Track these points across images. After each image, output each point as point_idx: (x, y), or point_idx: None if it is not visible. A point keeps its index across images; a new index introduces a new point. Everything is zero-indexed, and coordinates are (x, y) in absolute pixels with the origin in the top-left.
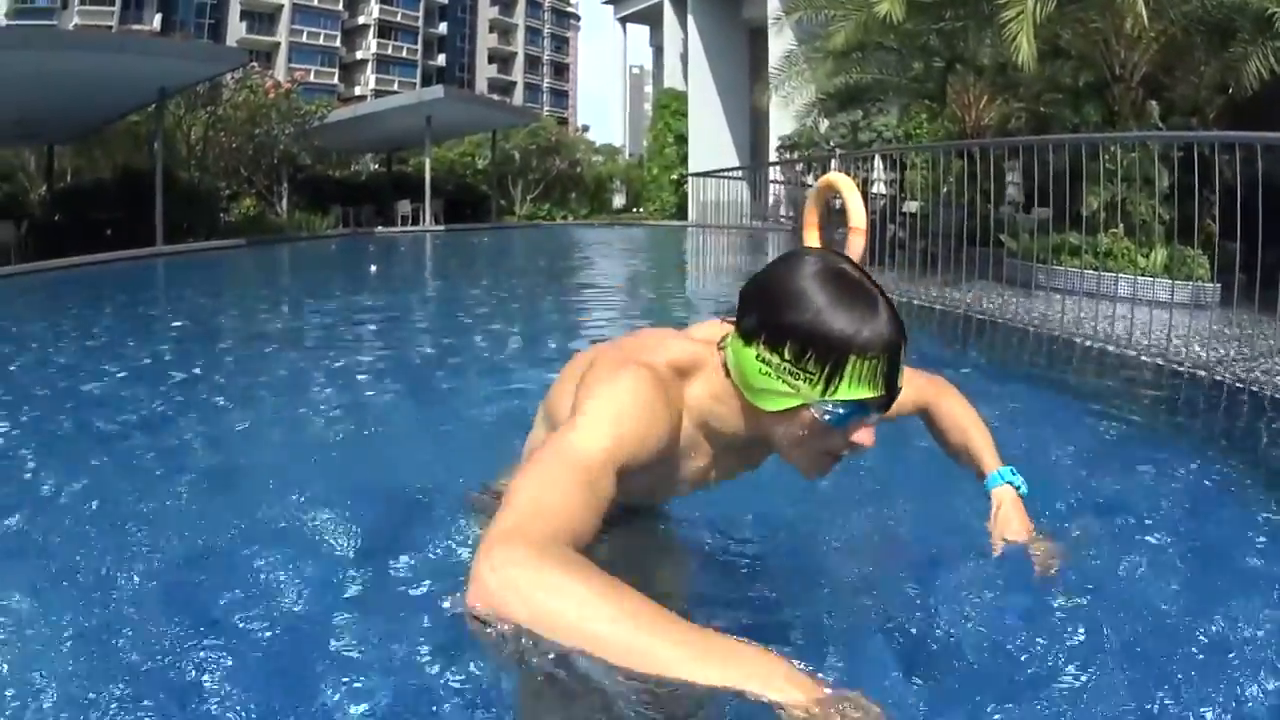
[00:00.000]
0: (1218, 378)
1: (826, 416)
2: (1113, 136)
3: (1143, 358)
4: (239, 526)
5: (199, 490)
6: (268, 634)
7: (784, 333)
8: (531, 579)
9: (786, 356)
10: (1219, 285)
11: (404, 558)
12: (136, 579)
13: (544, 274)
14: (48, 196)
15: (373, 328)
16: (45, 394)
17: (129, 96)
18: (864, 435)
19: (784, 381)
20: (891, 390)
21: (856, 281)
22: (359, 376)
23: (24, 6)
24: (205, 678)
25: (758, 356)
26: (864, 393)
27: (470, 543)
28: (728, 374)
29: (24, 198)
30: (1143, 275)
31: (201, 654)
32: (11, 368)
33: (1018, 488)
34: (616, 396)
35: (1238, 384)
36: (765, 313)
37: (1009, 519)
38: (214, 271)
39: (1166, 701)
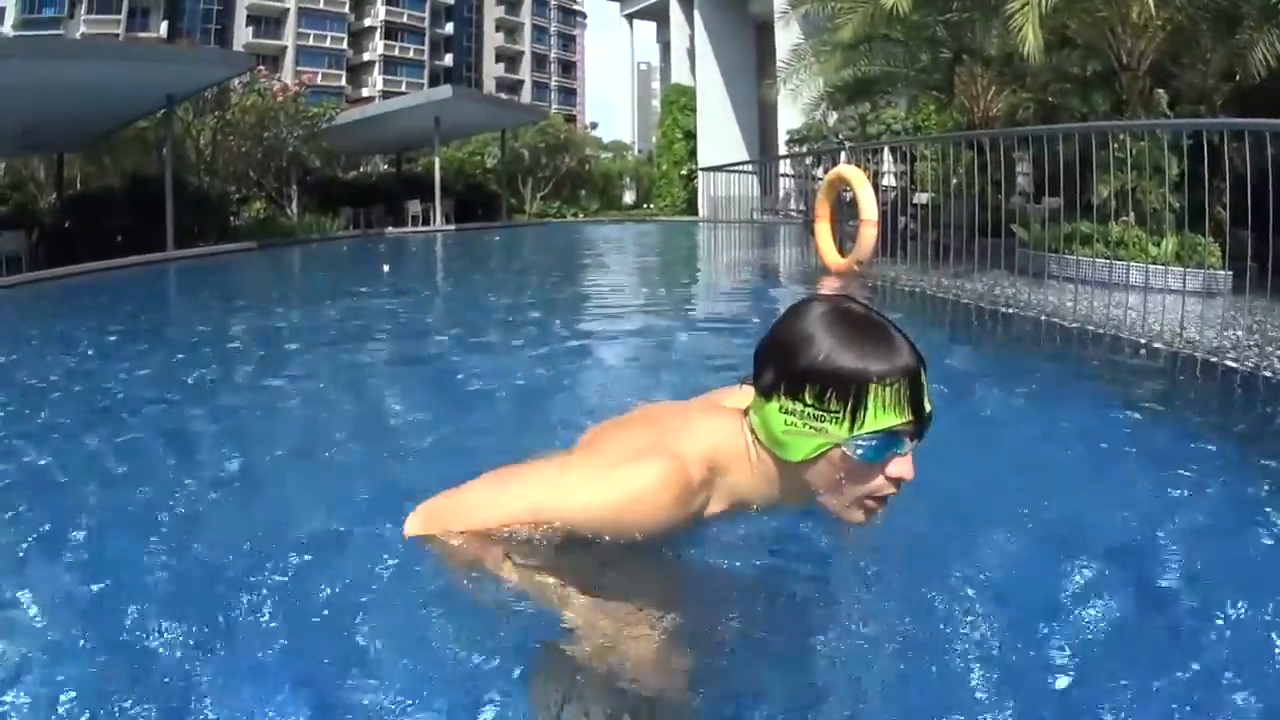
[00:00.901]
0: (1229, 364)
1: (859, 452)
2: (1121, 125)
3: (1155, 344)
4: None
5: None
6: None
7: (801, 378)
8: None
9: (808, 401)
10: (1230, 273)
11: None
12: (165, 581)
13: (562, 270)
14: (58, 204)
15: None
16: (78, 400)
17: (137, 103)
18: (901, 467)
19: (810, 427)
20: (920, 415)
21: (864, 316)
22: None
23: (32, 17)
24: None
25: (781, 409)
26: (891, 420)
27: None
28: (756, 438)
29: (34, 206)
30: (1154, 264)
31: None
32: (27, 376)
33: None
34: (627, 486)
35: (1250, 370)
36: (780, 364)
37: None
38: (229, 275)
39: (1175, 688)
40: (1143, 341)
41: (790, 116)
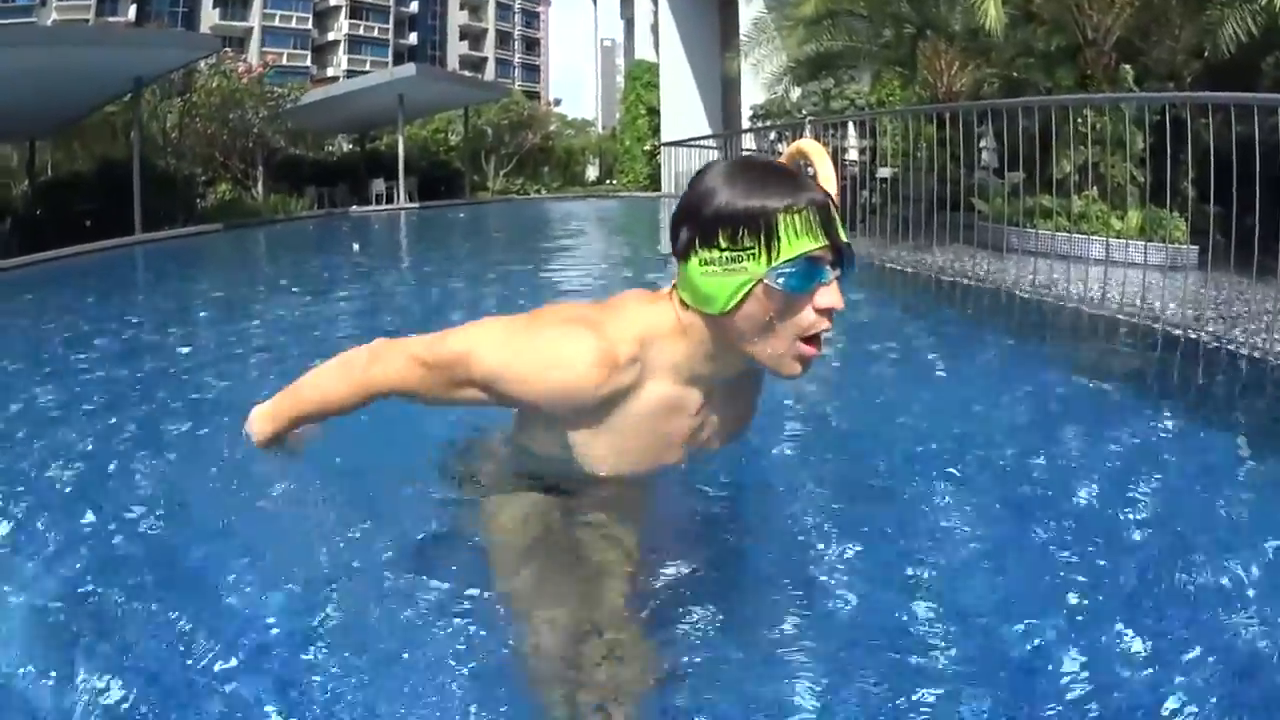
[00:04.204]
0: (1192, 336)
1: (780, 281)
2: (1084, 99)
3: (1118, 316)
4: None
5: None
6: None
7: (713, 225)
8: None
9: (723, 245)
10: (1195, 247)
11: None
12: (142, 561)
13: (523, 243)
14: (29, 192)
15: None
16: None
17: (106, 88)
18: (829, 297)
19: (728, 270)
20: (835, 240)
21: (765, 163)
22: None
23: (4, 5)
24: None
25: (700, 262)
26: (807, 244)
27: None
28: (684, 305)
29: (7, 194)
30: (1117, 238)
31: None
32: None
33: None
34: (553, 348)
35: (1214, 343)
36: (690, 221)
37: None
38: (195, 256)
39: (1145, 646)
40: (1103, 313)
41: (753, 92)
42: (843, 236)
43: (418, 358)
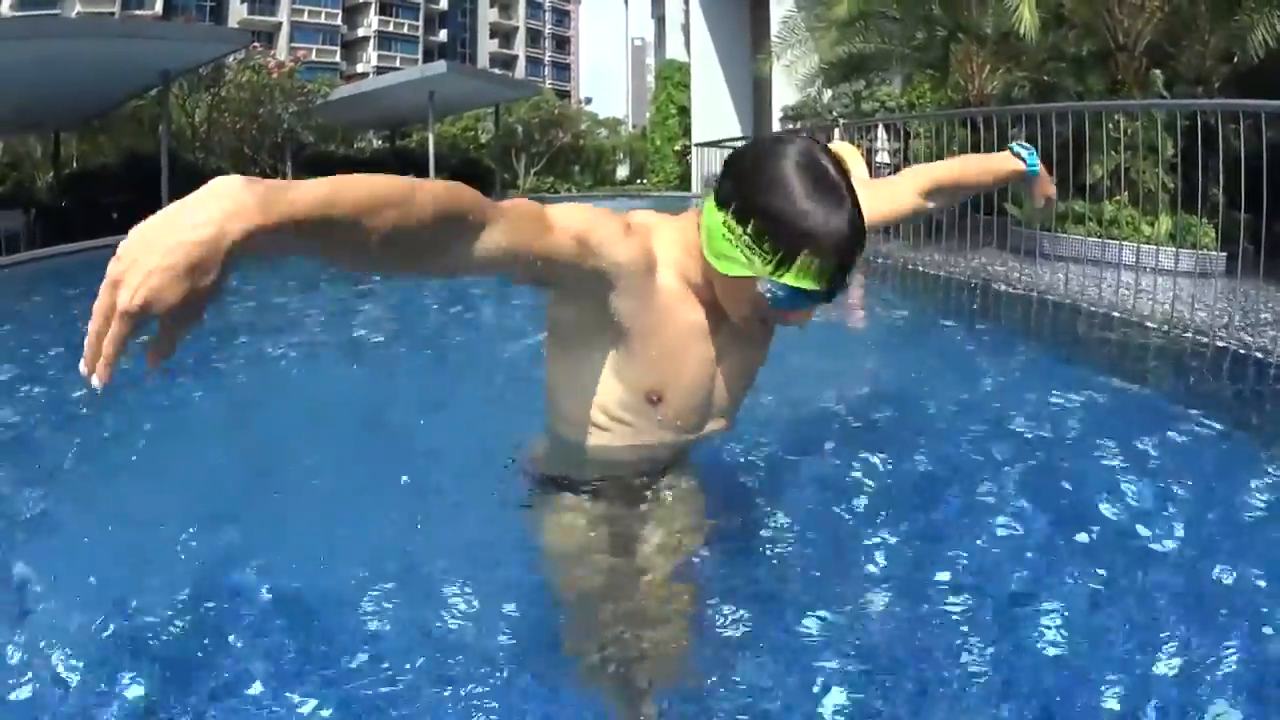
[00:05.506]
0: (1220, 343)
1: (769, 291)
2: (1117, 104)
3: (1147, 324)
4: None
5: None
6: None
7: (752, 211)
8: None
9: (749, 232)
10: (1224, 254)
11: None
12: (161, 553)
13: None
14: (54, 183)
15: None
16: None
17: (133, 81)
18: (798, 318)
19: (741, 252)
20: (834, 288)
21: (832, 183)
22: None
23: None
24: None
25: (724, 223)
26: (807, 284)
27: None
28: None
29: (31, 185)
30: (1147, 243)
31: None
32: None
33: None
34: (596, 213)
35: (1242, 350)
36: (740, 186)
37: (1046, 179)
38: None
39: (1170, 656)
40: (1134, 319)
41: (784, 93)
42: (845, 283)
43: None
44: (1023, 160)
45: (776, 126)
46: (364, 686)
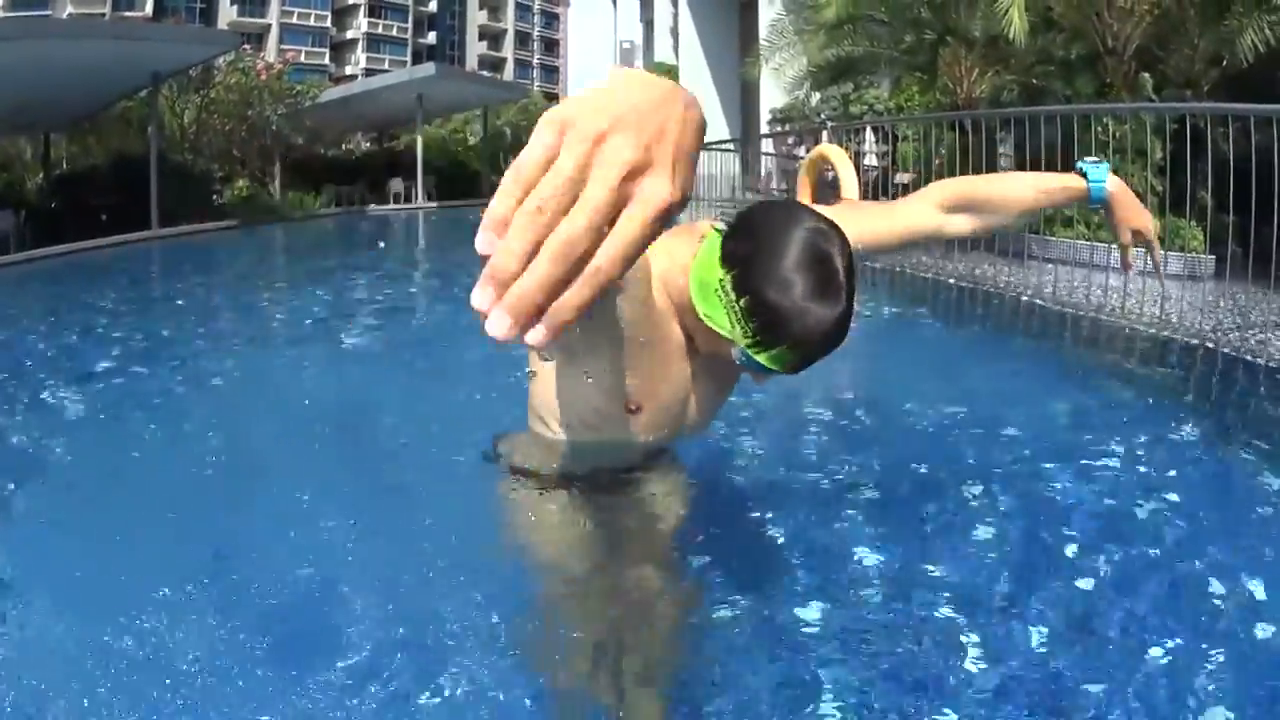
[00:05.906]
0: (1209, 346)
1: (740, 358)
2: (1105, 107)
3: (1136, 326)
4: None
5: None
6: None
7: (748, 290)
8: None
9: (741, 305)
10: (1213, 257)
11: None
12: (154, 560)
13: None
14: (44, 184)
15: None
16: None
17: (123, 82)
18: (760, 380)
19: (728, 315)
20: (798, 371)
21: (834, 283)
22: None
23: None
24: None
25: (721, 283)
26: (777, 368)
27: None
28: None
29: (21, 186)
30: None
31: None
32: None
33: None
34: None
35: (1230, 352)
36: (748, 257)
37: (1131, 207)
38: (211, 254)
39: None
40: (1122, 322)
41: (773, 96)
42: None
43: None
44: (1085, 178)
45: (765, 129)
46: (350, 692)
